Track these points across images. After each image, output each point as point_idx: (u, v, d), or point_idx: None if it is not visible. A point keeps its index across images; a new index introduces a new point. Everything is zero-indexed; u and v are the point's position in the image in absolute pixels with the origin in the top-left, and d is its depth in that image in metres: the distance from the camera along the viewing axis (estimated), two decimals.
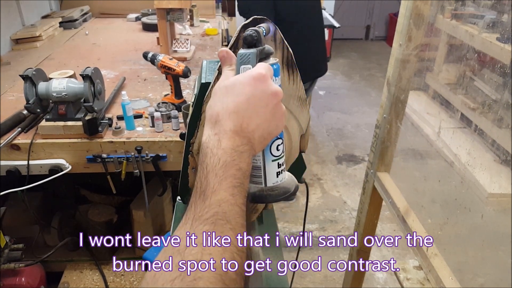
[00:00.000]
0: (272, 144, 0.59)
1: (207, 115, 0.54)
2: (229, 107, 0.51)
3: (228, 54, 0.58)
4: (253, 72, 0.53)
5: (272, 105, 0.53)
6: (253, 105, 0.52)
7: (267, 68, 0.54)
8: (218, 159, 0.49)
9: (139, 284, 1.88)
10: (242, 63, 0.55)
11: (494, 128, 1.08)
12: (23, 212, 1.84)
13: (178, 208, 1.14)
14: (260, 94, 0.52)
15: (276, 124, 0.55)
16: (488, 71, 1.16)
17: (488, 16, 1.18)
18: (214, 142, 0.50)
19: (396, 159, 1.35)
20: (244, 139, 0.51)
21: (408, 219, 1.16)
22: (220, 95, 0.53)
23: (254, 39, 0.56)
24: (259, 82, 0.52)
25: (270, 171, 0.61)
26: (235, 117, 0.51)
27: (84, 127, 1.53)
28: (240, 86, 0.52)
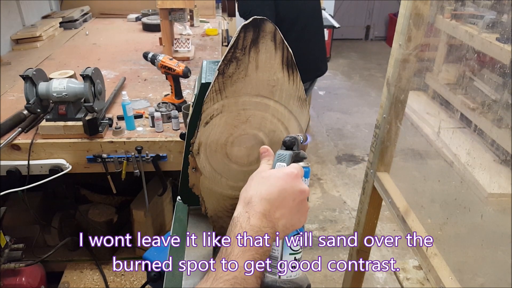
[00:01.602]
0: (292, 237, 0.65)
1: (241, 196, 0.62)
2: (262, 193, 0.60)
3: (268, 151, 0.69)
4: (287, 170, 0.62)
5: (299, 200, 0.61)
6: (282, 196, 0.60)
7: (299, 168, 0.63)
8: (245, 233, 0.56)
9: (139, 284, 1.88)
10: (279, 161, 0.65)
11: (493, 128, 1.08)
12: (23, 212, 1.84)
13: (178, 208, 1.14)
14: (290, 189, 0.60)
15: (299, 218, 0.63)
16: (488, 71, 1.16)
17: (487, 16, 1.18)
18: (244, 218, 0.58)
19: (396, 159, 1.35)
20: (269, 223, 0.58)
21: (408, 219, 1.16)
22: (256, 182, 0.62)
23: (292, 143, 0.66)
24: (290, 179, 0.61)
25: (286, 263, 0.66)
26: (265, 203, 0.59)
27: (84, 127, 1.53)
28: (274, 179, 0.61)
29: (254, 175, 0.64)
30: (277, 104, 0.76)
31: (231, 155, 0.80)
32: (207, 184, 0.84)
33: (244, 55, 0.71)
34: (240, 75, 0.73)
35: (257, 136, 0.77)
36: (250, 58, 0.72)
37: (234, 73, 0.72)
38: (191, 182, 0.85)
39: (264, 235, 0.57)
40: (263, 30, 0.70)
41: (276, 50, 0.72)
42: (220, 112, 0.76)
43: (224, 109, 0.76)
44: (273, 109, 0.76)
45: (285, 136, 0.67)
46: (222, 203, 0.86)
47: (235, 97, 0.75)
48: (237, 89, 0.74)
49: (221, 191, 0.85)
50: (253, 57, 0.72)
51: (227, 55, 0.71)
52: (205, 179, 0.84)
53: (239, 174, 0.81)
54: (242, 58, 0.71)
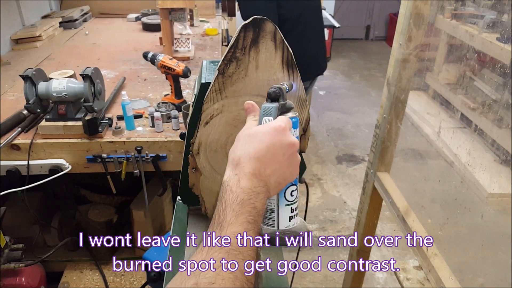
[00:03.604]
0: (286, 190, 0.64)
1: (230, 157, 0.60)
2: (250, 152, 0.58)
3: (253, 106, 0.66)
4: (273, 124, 0.60)
5: (289, 154, 0.60)
6: (271, 152, 0.58)
7: (286, 121, 0.61)
8: (236, 196, 0.54)
9: (139, 284, 1.88)
10: (265, 115, 0.62)
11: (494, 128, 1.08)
12: (23, 212, 1.84)
13: (178, 208, 1.14)
14: (279, 144, 0.59)
15: (291, 171, 0.61)
16: (488, 71, 1.16)
17: (488, 16, 1.18)
18: (234, 181, 0.56)
19: (396, 159, 1.35)
20: (261, 182, 0.57)
21: (408, 219, 1.16)
22: (243, 141, 0.60)
23: (277, 94, 0.63)
24: (278, 133, 0.59)
25: (283, 215, 0.65)
26: (255, 162, 0.57)
27: (84, 127, 1.53)
28: (261, 135, 0.59)
29: (240, 133, 0.62)
30: None
31: None
32: (207, 184, 0.84)
33: (244, 55, 0.71)
34: (240, 75, 0.73)
35: None
36: (250, 58, 0.72)
37: (234, 73, 0.72)
38: (191, 182, 0.85)
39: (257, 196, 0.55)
40: (263, 30, 0.70)
41: (276, 50, 0.72)
42: (220, 112, 0.76)
43: (224, 109, 0.76)
44: None
45: (269, 88, 0.64)
46: None
47: (235, 97, 0.75)
48: (237, 89, 0.74)
49: None
50: (253, 57, 0.72)
51: (227, 55, 0.71)
52: (205, 179, 0.84)
53: None
54: (242, 58, 0.71)
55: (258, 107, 0.65)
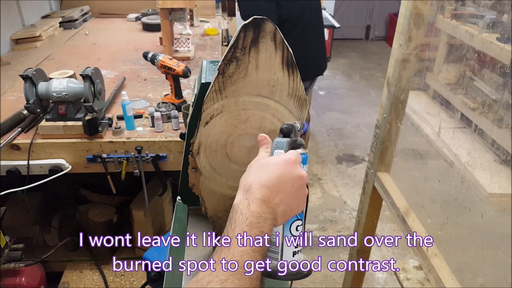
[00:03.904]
0: (292, 224, 0.65)
1: (241, 184, 0.62)
2: (261, 180, 0.60)
3: (266, 139, 0.70)
4: (285, 156, 0.63)
5: (297, 186, 0.62)
6: (281, 182, 0.61)
7: (297, 155, 0.64)
8: (245, 219, 0.56)
9: (139, 284, 1.88)
10: (276, 148, 0.65)
11: (494, 128, 1.08)
12: (23, 212, 1.84)
13: (178, 208, 1.14)
14: (289, 175, 0.61)
15: (298, 203, 0.64)
16: (488, 71, 1.16)
17: (488, 16, 1.18)
18: (244, 205, 0.58)
19: (396, 159, 1.35)
20: (269, 209, 0.59)
21: (408, 219, 1.16)
22: (255, 170, 0.63)
23: (289, 130, 0.67)
24: (288, 165, 0.62)
25: (287, 249, 0.66)
26: (265, 189, 0.60)
27: (84, 127, 1.53)
28: (272, 166, 0.62)
29: (252, 163, 0.65)
30: (277, 104, 0.76)
31: (231, 155, 0.80)
32: (207, 184, 0.84)
33: (244, 55, 0.71)
34: (240, 75, 0.73)
35: (257, 136, 0.77)
36: (250, 58, 0.72)
37: (234, 73, 0.72)
38: (191, 182, 0.85)
39: (265, 221, 0.57)
40: (263, 30, 0.70)
41: (276, 50, 0.72)
42: (220, 112, 0.76)
43: (224, 109, 0.76)
44: (273, 109, 0.76)
45: (282, 124, 0.68)
46: (222, 203, 0.86)
47: (235, 97, 0.75)
48: (237, 89, 0.74)
49: (221, 191, 0.84)
50: (253, 57, 0.72)
51: (227, 55, 0.71)
52: (205, 179, 0.84)
53: (239, 174, 0.80)
54: (242, 58, 0.71)
55: (270, 140, 0.69)
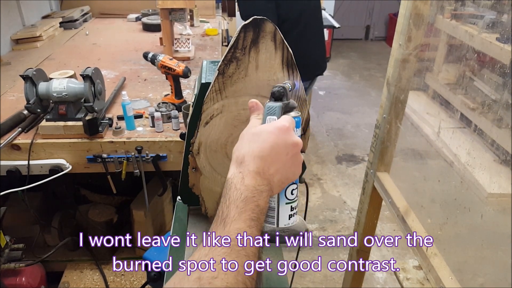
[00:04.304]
0: (287, 188, 0.65)
1: (234, 155, 0.60)
2: (254, 151, 0.58)
3: (257, 105, 0.66)
4: (277, 123, 0.60)
5: (292, 153, 0.60)
6: (275, 152, 0.59)
7: (290, 120, 0.62)
8: (240, 194, 0.55)
9: (139, 284, 1.88)
10: (269, 114, 0.63)
11: (493, 128, 1.08)
12: (23, 212, 1.85)
13: (178, 208, 1.14)
14: (282, 143, 0.59)
15: (294, 171, 0.62)
16: (488, 71, 1.16)
17: (487, 16, 1.18)
18: (238, 179, 0.56)
19: (396, 159, 1.35)
20: (264, 180, 0.57)
21: (408, 219, 1.16)
22: (247, 140, 0.61)
23: (281, 94, 0.64)
24: (282, 133, 0.59)
25: (283, 213, 0.66)
26: (259, 161, 0.58)
27: (84, 127, 1.54)
28: (265, 134, 0.59)
29: (244, 132, 0.63)
30: None
31: (231, 155, 0.80)
32: (207, 184, 0.84)
33: (244, 55, 0.71)
34: (240, 75, 0.73)
35: None
36: (250, 58, 0.72)
37: (234, 73, 0.72)
38: (191, 182, 0.85)
39: (260, 194, 0.56)
40: (263, 30, 0.70)
41: (276, 50, 0.72)
42: (220, 112, 0.76)
43: (224, 109, 0.76)
44: None
45: (273, 87, 0.65)
46: None
47: (235, 97, 0.75)
48: (237, 89, 0.74)
49: (221, 191, 0.84)
50: (253, 57, 0.72)
51: (227, 55, 0.71)
52: (205, 179, 0.84)
53: None
54: (242, 58, 0.72)
55: (262, 106, 0.66)
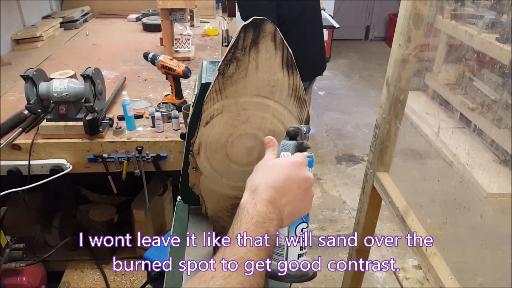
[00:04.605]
0: (297, 226, 0.65)
1: (248, 185, 0.63)
2: (268, 181, 0.61)
3: (273, 141, 0.70)
4: (291, 158, 0.63)
5: (304, 188, 0.63)
6: (288, 184, 0.61)
7: (303, 157, 0.64)
8: (251, 218, 0.57)
9: (140, 284, 1.88)
10: (283, 150, 0.66)
11: (493, 128, 1.08)
12: (24, 212, 1.85)
13: (178, 208, 1.14)
14: (295, 177, 0.62)
15: (305, 205, 0.64)
16: (488, 71, 1.17)
17: (487, 16, 1.19)
18: (250, 204, 0.58)
19: (396, 159, 1.35)
20: (276, 209, 0.59)
21: (408, 219, 1.16)
22: (262, 171, 0.63)
23: (296, 133, 0.68)
24: (295, 167, 0.62)
25: (292, 251, 0.66)
26: (272, 190, 0.60)
27: (85, 127, 1.54)
28: (279, 167, 0.62)
29: (259, 164, 0.65)
30: (277, 104, 0.76)
31: (231, 155, 0.80)
32: (207, 184, 0.85)
33: (244, 55, 0.72)
34: (240, 75, 0.73)
35: (257, 136, 0.78)
36: (250, 58, 0.72)
37: (234, 73, 0.73)
38: (191, 182, 0.86)
39: (271, 221, 0.57)
40: (263, 30, 0.70)
41: (276, 50, 0.72)
42: (220, 112, 0.76)
43: (224, 109, 0.76)
44: (273, 109, 0.77)
45: (289, 127, 0.68)
46: (222, 203, 0.87)
47: (235, 97, 0.75)
48: (237, 89, 0.74)
49: (221, 191, 0.85)
50: (253, 57, 0.72)
51: (227, 56, 0.71)
52: (205, 179, 0.84)
53: (239, 174, 0.81)
54: (242, 59, 0.72)
55: (277, 143, 0.69)
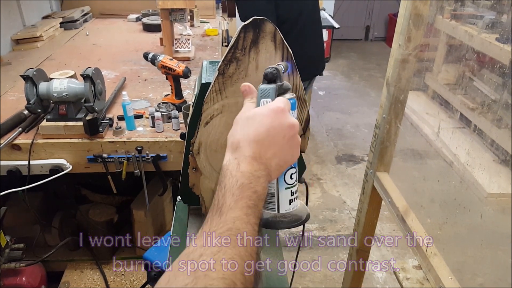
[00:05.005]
0: (286, 173, 0.63)
1: (229, 142, 0.58)
2: (249, 136, 0.56)
3: (250, 88, 0.64)
4: (272, 105, 0.58)
5: (289, 136, 0.58)
6: (271, 135, 0.56)
7: (285, 102, 0.59)
8: (236, 181, 0.52)
9: (140, 284, 1.88)
10: (263, 97, 0.61)
11: (493, 128, 1.08)
12: (24, 212, 1.85)
13: (178, 207, 1.14)
14: (278, 126, 0.57)
15: (292, 153, 0.60)
16: (488, 71, 1.17)
17: (487, 16, 1.19)
18: (233, 165, 0.54)
19: (396, 159, 1.35)
20: (261, 165, 0.55)
21: (408, 219, 1.16)
22: (242, 125, 0.58)
23: (274, 75, 0.61)
24: (277, 115, 0.57)
25: (283, 198, 0.64)
26: (255, 145, 0.55)
27: (84, 127, 1.54)
28: (260, 118, 0.57)
29: (238, 116, 0.60)
30: None
31: None
32: (207, 184, 0.85)
33: (244, 56, 0.72)
34: (240, 75, 0.73)
35: None
36: (250, 58, 0.72)
37: (234, 73, 0.73)
38: (191, 182, 0.86)
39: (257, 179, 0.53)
40: (263, 30, 0.70)
41: (276, 50, 0.72)
42: (220, 112, 0.76)
43: (224, 109, 0.76)
44: None
45: (266, 68, 0.62)
46: None
47: (235, 97, 0.75)
48: (237, 89, 0.74)
49: None
50: (253, 57, 0.72)
51: (227, 56, 0.71)
52: (205, 179, 0.84)
53: None
54: (242, 59, 0.72)
55: (255, 89, 0.64)
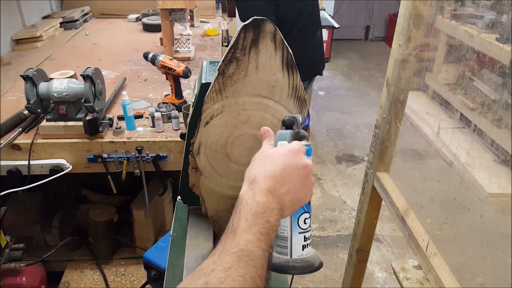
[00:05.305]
0: (300, 217, 0.64)
1: (246, 176, 0.62)
2: (265, 171, 0.60)
3: (269, 132, 0.69)
4: (289, 146, 0.62)
5: (303, 175, 0.62)
6: (286, 173, 0.60)
7: (301, 145, 0.64)
8: (250, 208, 0.55)
9: (140, 284, 1.88)
10: (280, 139, 0.65)
11: (493, 128, 1.09)
12: (24, 212, 1.85)
13: (178, 207, 1.14)
14: (293, 165, 0.61)
15: (305, 192, 0.63)
16: (487, 71, 1.17)
17: (487, 16, 1.19)
18: (249, 195, 0.57)
19: (396, 159, 1.35)
20: (275, 199, 0.58)
21: (408, 219, 1.16)
22: (259, 162, 0.62)
23: (292, 122, 0.67)
24: (293, 155, 0.61)
25: (296, 242, 0.65)
26: (270, 180, 0.59)
27: (84, 127, 1.54)
28: (277, 156, 0.61)
29: (256, 155, 0.64)
30: (277, 104, 0.76)
31: (231, 155, 0.80)
32: (207, 184, 0.85)
33: (244, 56, 0.72)
34: (240, 76, 0.73)
35: (257, 136, 0.78)
36: (250, 58, 0.72)
37: (234, 73, 0.73)
38: (191, 182, 0.86)
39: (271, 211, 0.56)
40: (263, 30, 0.70)
41: (276, 50, 0.72)
42: (220, 112, 0.76)
43: (224, 109, 0.76)
44: (273, 109, 0.77)
45: (285, 116, 0.67)
46: (222, 203, 0.87)
47: (235, 97, 0.75)
48: (237, 89, 0.74)
49: (221, 191, 0.85)
50: (253, 58, 0.72)
51: (227, 56, 0.71)
52: (205, 179, 0.84)
53: (239, 174, 0.81)
54: (242, 59, 0.72)
55: (273, 133, 0.68)
